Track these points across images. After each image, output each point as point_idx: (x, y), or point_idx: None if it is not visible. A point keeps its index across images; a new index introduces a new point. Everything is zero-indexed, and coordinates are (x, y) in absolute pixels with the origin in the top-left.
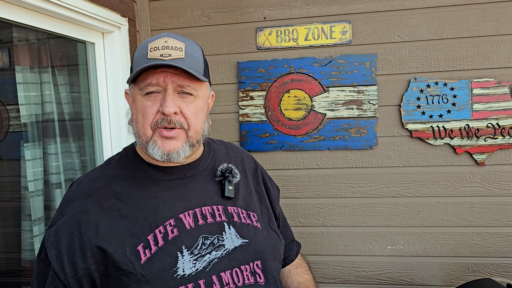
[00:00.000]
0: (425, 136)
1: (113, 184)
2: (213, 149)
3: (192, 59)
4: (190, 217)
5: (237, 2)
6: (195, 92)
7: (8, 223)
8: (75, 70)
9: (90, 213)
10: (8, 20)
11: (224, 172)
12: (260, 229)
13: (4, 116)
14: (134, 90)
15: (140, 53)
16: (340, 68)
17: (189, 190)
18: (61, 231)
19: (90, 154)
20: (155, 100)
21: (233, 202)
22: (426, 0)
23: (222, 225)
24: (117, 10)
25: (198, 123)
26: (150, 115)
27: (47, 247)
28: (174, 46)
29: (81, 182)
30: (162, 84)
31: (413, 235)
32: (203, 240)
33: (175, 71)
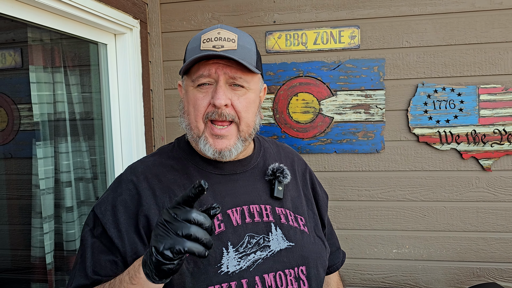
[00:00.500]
0: (432, 141)
1: (166, 173)
2: (264, 147)
3: (245, 51)
4: (238, 214)
5: (247, 6)
6: (247, 85)
7: (19, 220)
8: (87, 70)
9: (143, 197)
10: (22, 20)
11: (275, 171)
12: (307, 234)
13: (15, 115)
14: (186, 82)
15: (193, 45)
16: (348, 72)
17: (239, 186)
18: (118, 211)
19: (100, 153)
20: (207, 92)
21: (281, 203)
22: (434, 6)
23: (269, 225)
24: (129, 12)
25: (249, 117)
26: (201, 108)
27: (106, 225)
28: (227, 37)
29: (135, 167)
30: (214, 76)
31: (418, 239)
32: (249, 238)
33: (227, 62)
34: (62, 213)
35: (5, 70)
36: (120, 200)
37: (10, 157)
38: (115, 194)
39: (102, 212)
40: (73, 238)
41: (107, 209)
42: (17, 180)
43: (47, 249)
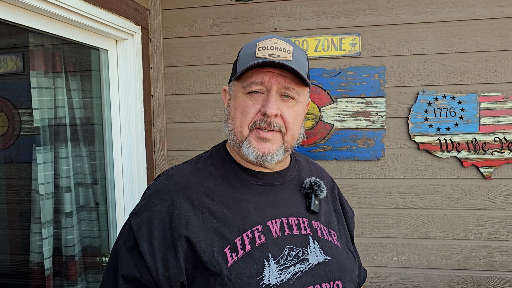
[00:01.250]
0: (432, 148)
1: (205, 181)
2: (298, 161)
3: (299, 63)
4: (277, 225)
5: (249, 13)
6: (297, 97)
7: (18, 225)
8: (88, 76)
9: (181, 208)
10: (24, 26)
11: (313, 185)
12: (340, 249)
13: (16, 119)
14: (235, 87)
15: (247, 51)
16: (349, 79)
17: (279, 198)
18: (153, 224)
19: (100, 158)
20: (257, 100)
21: (316, 217)
22: (435, 15)
23: (307, 238)
24: (131, 19)
25: (295, 128)
26: (250, 115)
27: (139, 239)
28: (282, 48)
29: (172, 174)
30: (267, 84)
31: (418, 247)
32: (288, 251)
33: (281, 72)
34: (61, 218)
35: (6, 74)
36: (155, 211)
37: (10, 162)
38: (150, 205)
39: (138, 224)
40: (72, 244)
41: (142, 221)
42: (17, 185)
43: (46, 254)
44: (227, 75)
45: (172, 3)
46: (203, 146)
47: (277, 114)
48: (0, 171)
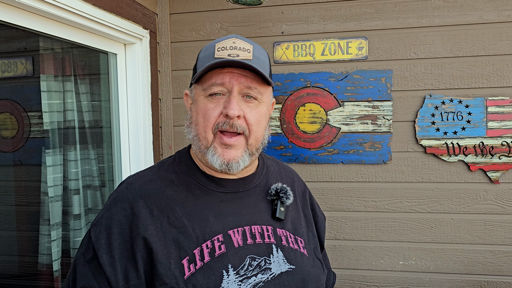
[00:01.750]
0: (439, 152)
1: (165, 189)
2: (267, 165)
3: (260, 62)
4: (239, 234)
5: (256, 17)
6: (260, 96)
7: (26, 227)
8: (96, 79)
9: (140, 217)
10: (34, 31)
11: (279, 192)
12: (306, 257)
13: (25, 122)
14: (196, 91)
15: (206, 53)
16: (355, 83)
17: (242, 206)
18: (112, 234)
19: (108, 161)
20: (218, 102)
21: (282, 224)
22: (442, 19)
23: (270, 247)
24: (139, 23)
25: (259, 130)
26: (212, 118)
27: (98, 250)
28: (242, 47)
29: (132, 182)
30: (228, 85)
31: (425, 251)
32: (250, 260)
33: (242, 72)
34: (69, 220)
35: (16, 78)
36: (114, 221)
37: (20, 164)
38: (110, 214)
39: (97, 234)
40: None
41: (100, 231)
42: (26, 187)
43: (54, 256)
44: None
45: (180, 7)
46: None
47: (240, 115)
48: (9, 173)
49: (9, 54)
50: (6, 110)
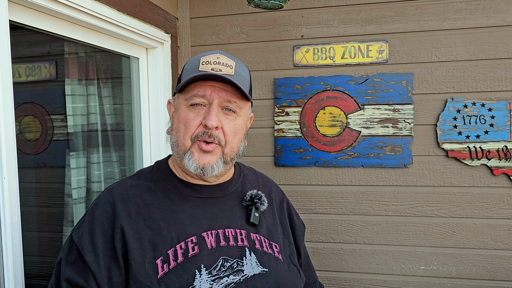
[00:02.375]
0: (462, 156)
1: (143, 194)
2: (244, 174)
3: (241, 78)
4: (213, 237)
5: (276, 20)
6: (239, 110)
7: (50, 228)
8: (119, 83)
9: (119, 219)
10: (59, 35)
11: (253, 197)
12: (281, 261)
13: (48, 125)
14: (179, 100)
15: (191, 65)
16: (376, 86)
17: (217, 210)
18: (95, 235)
19: (129, 164)
20: (199, 112)
21: (256, 229)
22: (464, 21)
23: (243, 250)
24: (161, 27)
25: (235, 142)
26: (192, 127)
27: (83, 249)
28: (225, 63)
29: (112, 188)
30: (209, 97)
31: (447, 256)
32: (222, 261)
33: (223, 86)
34: None
35: (40, 82)
36: (97, 223)
37: (43, 166)
38: (92, 217)
39: (79, 236)
40: None
41: (84, 233)
42: (49, 189)
43: None
44: (253, 82)
45: (201, 11)
46: None
47: (218, 126)
48: (33, 175)
49: (33, 58)
50: (30, 113)
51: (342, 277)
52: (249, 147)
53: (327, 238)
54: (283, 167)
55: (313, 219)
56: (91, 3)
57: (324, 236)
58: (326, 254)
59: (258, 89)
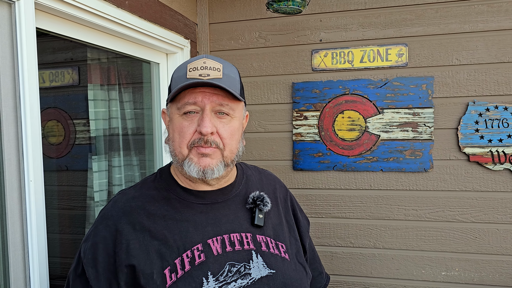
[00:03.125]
0: (484, 160)
1: (147, 205)
2: (247, 175)
3: (230, 80)
4: (218, 243)
5: (294, 25)
6: (232, 112)
7: (72, 230)
8: (139, 88)
9: (123, 233)
10: (82, 41)
11: (256, 200)
12: (288, 261)
13: (71, 129)
14: (171, 109)
15: (179, 73)
16: (395, 90)
17: (220, 215)
18: (98, 250)
19: (149, 167)
20: (192, 120)
21: (262, 230)
22: (486, 24)
23: (250, 253)
24: (181, 33)
25: (233, 144)
26: (187, 135)
27: (85, 265)
28: (212, 66)
29: (117, 200)
30: (200, 104)
31: (469, 261)
32: (229, 267)
33: (213, 90)
34: None
35: (63, 87)
36: (99, 237)
37: (66, 170)
38: (96, 231)
39: (85, 250)
40: None
41: (88, 247)
42: (71, 192)
43: None
44: (272, 86)
45: (219, 17)
46: (248, 156)
47: (213, 131)
48: (56, 178)
49: (57, 64)
50: (53, 117)
51: (361, 282)
52: (268, 151)
53: (345, 243)
54: (302, 171)
55: (331, 223)
56: (114, 10)
57: (343, 240)
58: (345, 259)
59: (276, 93)
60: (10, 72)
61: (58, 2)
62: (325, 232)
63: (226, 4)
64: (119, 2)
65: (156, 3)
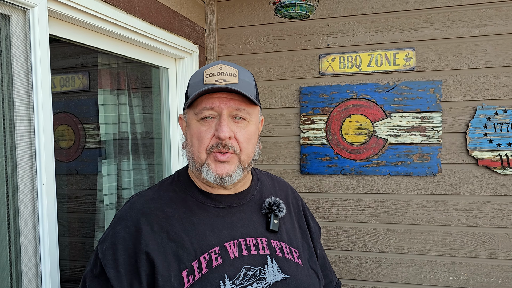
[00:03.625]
0: (493, 164)
1: (164, 207)
2: (261, 180)
3: (246, 84)
4: (235, 246)
5: (302, 30)
6: (249, 117)
7: (82, 233)
8: (148, 93)
9: (142, 234)
10: (93, 47)
11: (272, 205)
12: (301, 266)
13: (81, 133)
14: (189, 115)
15: (195, 80)
16: (403, 94)
17: (236, 219)
18: (118, 251)
19: (158, 171)
20: (210, 125)
21: (277, 236)
22: (494, 27)
23: (265, 257)
24: (190, 38)
25: (250, 148)
26: (205, 140)
27: (105, 266)
28: (228, 72)
29: (134, 202)
30: (217, 109)
31: (478, 266)
32: (245, 271)
33: (230, 95)
34: None
35: (73, 92)
36: (119, 238)
37: (76, 173)
38: (115, 231)
39: (103, 251)
40: None
41: (107, 248)
42: (82, 195)
43: None
44: (279, 90)
45: (228, 22)
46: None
47: (231, 136)
48: (66, 181)
49: (67, 69)
50: (64, 122)
51: (368, 286)
52: (275, 155)
53: (353, 247)
54: (309, 175)
55: (339, 227)
56: (125, 16)
57: (350, 244)
58: (352, 263)
59: (284, 97)
60: (24, 77)
61: (71, 9)
62: (332, 236)
63: (234, 9)
64: (129, 9)
65: (166, 9)
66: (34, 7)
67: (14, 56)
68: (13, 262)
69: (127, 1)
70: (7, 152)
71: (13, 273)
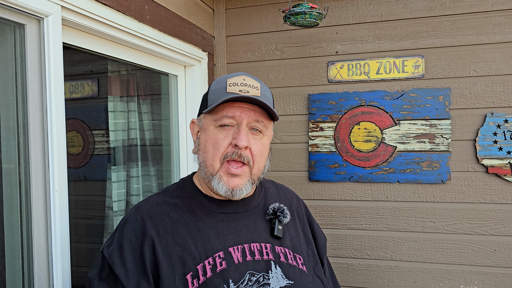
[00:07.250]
0: (503, 172)
1: (170, 211)
2: (265, 188)
3: (266, 99)
4: (239, 251)
5: (310, 37)
6: (265, 130)
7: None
8: (157, 99)
9: (148, 236)
10: (104, 55)
11: (276, 211)
12: (305, 273)
13: (90, 140)
14: (206, 120)
15: (218, 86)
16: (412, 101)
17: (241, 225)
18: (125, 252)
19: (167, 178)
20: (228, 133)
21: (281, 242)
22: (504, 35)
23: (269, 263)
24: (199, 46)
25: (262, 161)
26: (221, 148)
27: (113, 265)
28: (251, 84)
29: (140, 206)
30: (238, 118)
31: (488, 275)
32: (249, 276)
33: (251, 107)
34: None
35: (82, 99)
36: (126, 240)
37: (84, 180)
38: (121, 234)
39: (109, 252)
40: None
41: (114, 249)
42: (91, 201)
43: None
44: (288, 98)
45: (236, 29)
46: None
47: (248, 146)
48: (75, 188)
49: (77, 76)
50: (73, 128)
51: None
52: (283, 162)
53: (362, 254)
54: (317, 182)
55: (347, 235)
56: (136, 24)
57: (359, 252)
58: (361, 271)
59: (292, 104)
60: (38, 85)
61: (84, 18)
62: (341, 244)
63: (242, 17)
64: (140, 17)
65: (176, 17)
66: (48, 16)
67: (29, 64)
68: (25, 268)
69: (138, 9)
70: (21, 159)
71: (25, 278)
